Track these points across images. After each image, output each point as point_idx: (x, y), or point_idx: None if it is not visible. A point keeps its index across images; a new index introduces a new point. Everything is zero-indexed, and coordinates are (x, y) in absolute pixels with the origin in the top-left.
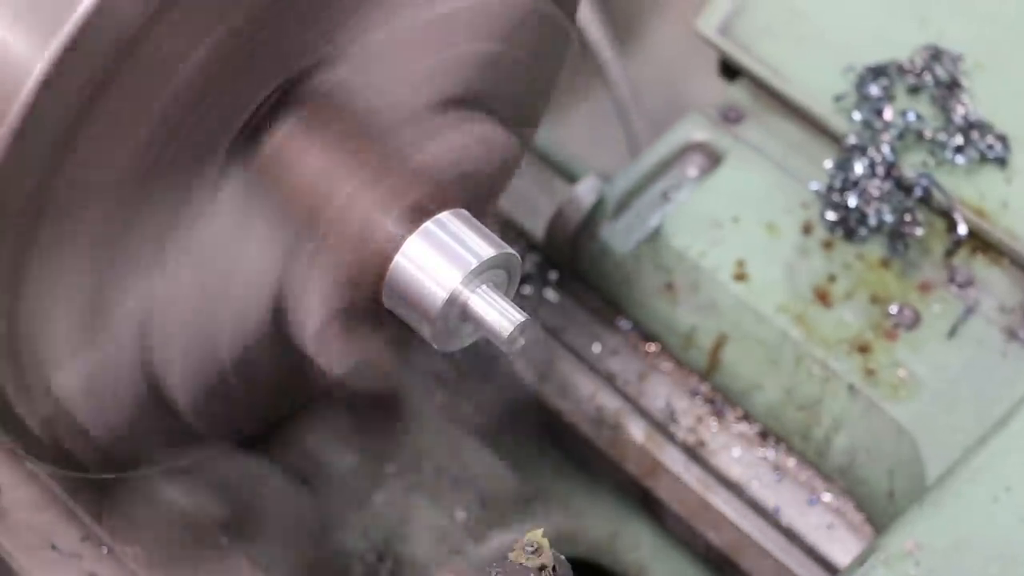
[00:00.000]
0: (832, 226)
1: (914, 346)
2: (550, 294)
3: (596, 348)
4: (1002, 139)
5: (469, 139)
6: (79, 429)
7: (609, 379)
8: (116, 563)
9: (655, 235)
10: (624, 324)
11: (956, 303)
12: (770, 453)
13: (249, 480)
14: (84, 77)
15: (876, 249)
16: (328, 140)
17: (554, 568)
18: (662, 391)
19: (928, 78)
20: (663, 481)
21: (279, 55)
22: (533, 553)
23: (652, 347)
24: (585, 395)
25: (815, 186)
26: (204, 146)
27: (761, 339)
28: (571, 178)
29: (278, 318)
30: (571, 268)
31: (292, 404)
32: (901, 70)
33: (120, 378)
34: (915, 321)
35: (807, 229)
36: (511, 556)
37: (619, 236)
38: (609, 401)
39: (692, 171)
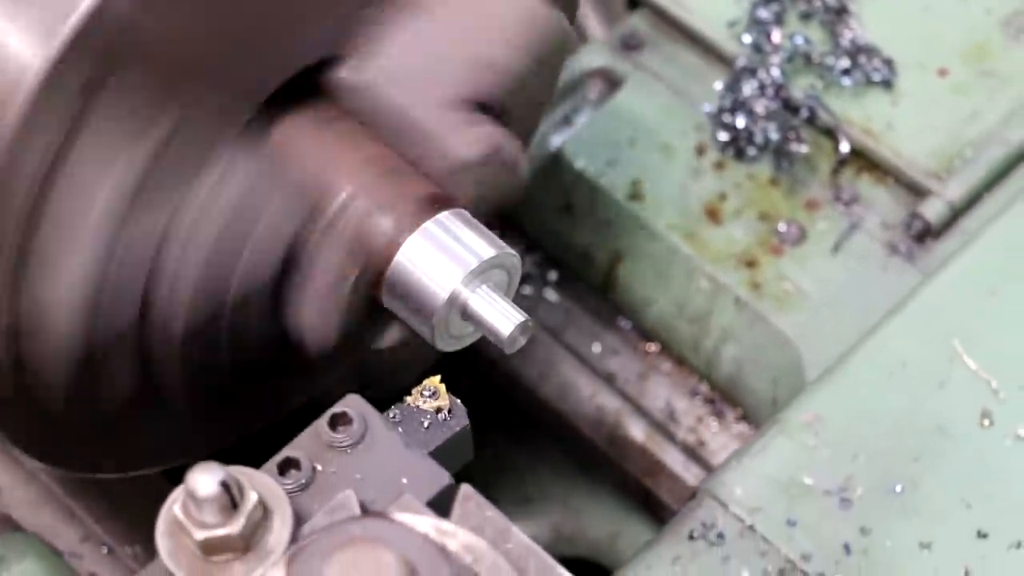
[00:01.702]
0: (723, 146)
1: (799, 261)
2: (550, 294)
3: (596, 348)
4: (888, 63)
5: (471, 141)
6: (50, 348)
7: (609, 379)
8: (116, 563)
9: (555, 157)
10: (624, 324)
11: (841, 220)
12: None
13: None
14: (85, 76)
15: (765, 169)
16: (334, 136)
17: (450, 410)
18: (662, 391)
19: (818, 3)
20: (663, 481)
21: (284, 52)
22: (431, 396)
23: (652, 347)
24: (585, 395)
25: (708, 108)
26: (209, 136)
27: (654, 255)
28: None
29: (285, 273)
30: None
31: (275, 409)
32: None
33: (121, 292)
34: (801, 237)
35: (700, 150)
36: (408, 400)
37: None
38: (609, 401)
39: (592, 96)
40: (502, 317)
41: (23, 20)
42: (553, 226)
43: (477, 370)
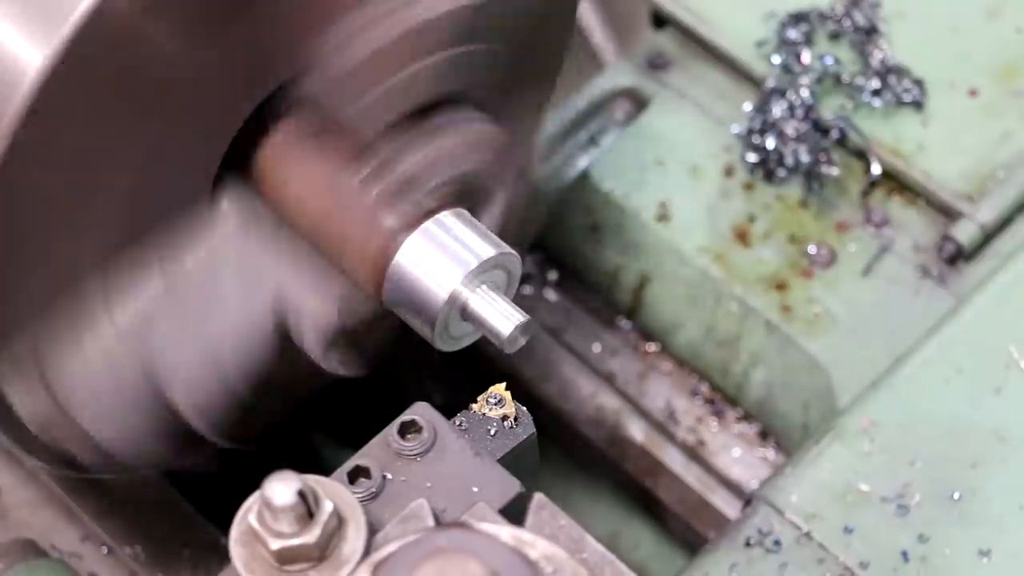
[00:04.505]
0: (752, 168)
1: (830, 284)
2: (550, 294)
3: (596, 348)
4: (918, 83)
5: (467, 138)
6: (80, 433)
7: (609, 379)
8: (116, 563)
9: (582, 177)
10: (624, 324)
11: (872, 242)
12: (770, 453)
13: None
14: (83, 77)
15: (795, 190)
16: (324, 144)
17: (516, 418)
18: (662, 391)
19: (848, 24)
20: (663, 481)
21: (277, 55)
22: (496, 404)
23: (652, 347)
24: (585, 395)
25: (736, 129)
26: (201, 152)
27: (682, 278)
28: None
29: (280, 327)
30: None
31: (298, 404)
32: (822, 16)
33: (122, 386)
34: (831, 260)
35: (729, 172)
36: (475, 407)
37: (548, 178)
38: (609, 401)
39: (619, 116)
40: (502, 317)
41: (22, 20)
42: (579, 247)
43: (477, 370)
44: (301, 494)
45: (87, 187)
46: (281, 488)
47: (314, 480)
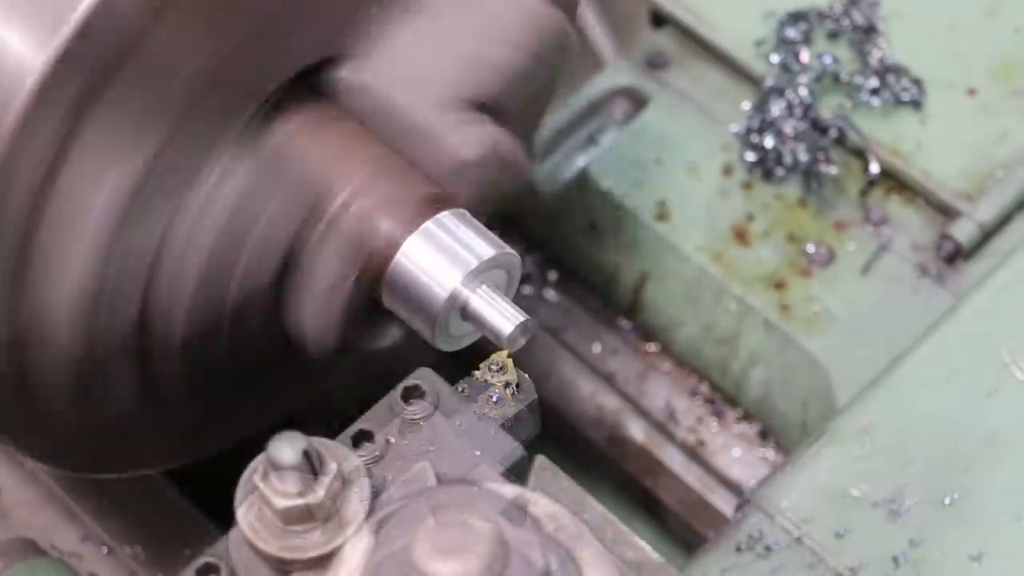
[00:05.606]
0: (751, 167)
1: (828, 282)
2: (550, 294)
3: (596, 348)
4: (917, 82)
5: (471, 140)
6: (51, 355)
7: (609, 379)
8: (116, 563)
9: (581, 176)
10: (624, 324)
11: (870, 241)
12: (770, 453)
13: None
14: (84, 76)
15: (794, 189)
16: (333, 137)
17: (518, 384)
18: (662, 391)
19: (846, 23)
20: (663, 481)
21: (284, 54)
22: (498, 371)
23: (652, 347)
24: (585, 395)
25: (735, 128)
26: (208, 138)
27: (681, 277)
28: None
29: (284, 274)
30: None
31: (276, 409)
32: (820, 16)
33: (120, 296)
34: (830, 258)
35: (727, 171)
36: (477, 374)
37: (546, 177)
38: (609, 401)
39: (618, 115)
40: (502, 317)
41: (23, 21)
42: (578, 246)
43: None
44: (306, 454)
45: (89, 178)
46: (286, 448)
47: (319, 442)
